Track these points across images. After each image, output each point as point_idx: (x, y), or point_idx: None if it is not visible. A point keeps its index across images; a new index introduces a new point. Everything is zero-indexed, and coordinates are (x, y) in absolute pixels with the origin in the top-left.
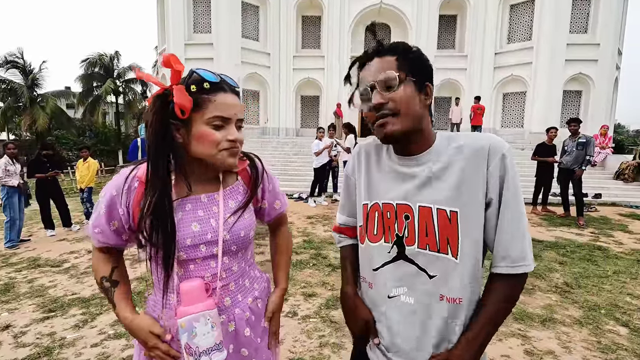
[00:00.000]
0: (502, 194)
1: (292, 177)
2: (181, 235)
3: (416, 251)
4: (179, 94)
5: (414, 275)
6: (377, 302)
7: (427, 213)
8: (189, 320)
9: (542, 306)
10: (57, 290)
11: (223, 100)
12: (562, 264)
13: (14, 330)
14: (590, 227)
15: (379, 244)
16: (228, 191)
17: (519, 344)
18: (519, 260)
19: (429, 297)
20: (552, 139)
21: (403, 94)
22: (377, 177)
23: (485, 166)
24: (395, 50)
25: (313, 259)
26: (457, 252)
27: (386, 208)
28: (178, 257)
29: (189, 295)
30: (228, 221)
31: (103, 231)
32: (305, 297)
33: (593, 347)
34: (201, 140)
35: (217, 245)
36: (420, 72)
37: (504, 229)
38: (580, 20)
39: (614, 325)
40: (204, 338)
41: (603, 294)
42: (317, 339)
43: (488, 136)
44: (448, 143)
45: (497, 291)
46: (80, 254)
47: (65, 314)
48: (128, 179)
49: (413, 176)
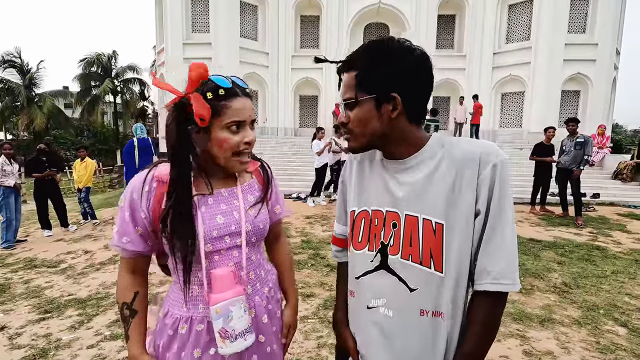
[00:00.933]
0: (490, 206)
1: (290, 177)
2: (207, 227)
3: (399, 261)
4: (197, 103)
5: (394, 286)
6: (357, 312)
7: (414, 222)
8: (226, 306)
9: (540, 306)
10: (53, 291)
11: (238, 105)
12: (560, 264)
13: (9, 332)
14: (589, 226)
15: (363, 251)
16: (246, 186)
17: (518, 345)
18: (499, 277)
19: (409, 312)
20: (550, 139)
21: (356, 115)
22: (368, 183)
23: (475, 176)
24: (357, 65)
25: (311, 259)
26: (441, 266)
27: (375, 215)
28: (205, 249)
29: (221, 282)
30: (249, 213)
31: (132, 240)
32: (304, 297)
33: (592, 348)
34: (220, 144)
35: (240, 236)
36: (385, 83)
37: (491, 241)
38: (579, 20)
39: (613, 326)
40: (239, 321)
41: (602, 294)
42: (315, 339)
43: (482, 144)
44: (440, 146)
45: (476, 310)
46: (77, 254)
47: (61, 315)
48: (146, 181)
49: (403, 183)
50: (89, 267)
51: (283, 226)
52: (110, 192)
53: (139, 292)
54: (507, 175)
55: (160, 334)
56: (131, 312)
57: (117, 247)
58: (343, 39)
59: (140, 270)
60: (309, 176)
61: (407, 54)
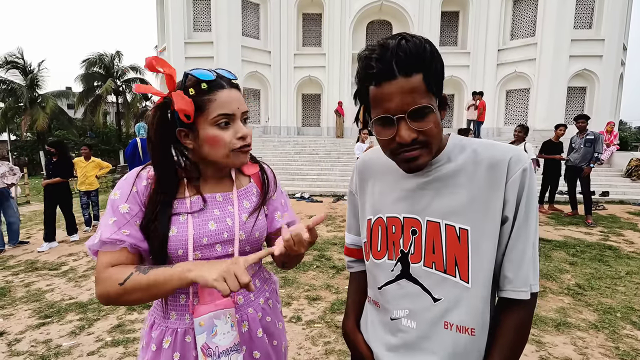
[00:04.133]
0: (518, 211)
1: (293, 176)
2: (197, 234)
3: (422, 269)
4: (178, 99)
5: (417, 296)
6: (379, 323)
7: (435, 229)
8: (210, 318)
9: (555, 309)
10: (54, 295)
11: (224, 97)
12: (572, 265)
13: (8, 338)
14: (599, 225)
15: (382, 261)
16: (242, 191)
17: (534, 350)
18: (525, 283)
19: (433, 324)
20: (559, 137)
21: (434, 124)
22: (382, 189)
23: (504, 180)
24: (422, 64)
25: (317, 260)
26: (467, 275)
27: (391, 222)
28: (194, 257)
29: (208, 292)
30: (243, 220)
31: (131, 233)
32: (310, 300)
33: (612, 354)
34: (211, 143)
35: (233, 245)
36: (442, 86)
37: (514, 248)
38: (585, 16)
39: (632, 330)
40: (224, 337)
41: (617, 296)
42: (322, 345)
43: (506, 146)
44: (461, 148)
45: (507, 319)
46: (78, 256)
47: (61, 320)
48: (141, 176)
49: (422, 187)
50: (91, 270)
51: None
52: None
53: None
54: (534, 180)
55: (145, 350)
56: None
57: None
58: (345, 37)
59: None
60: (311, 175)
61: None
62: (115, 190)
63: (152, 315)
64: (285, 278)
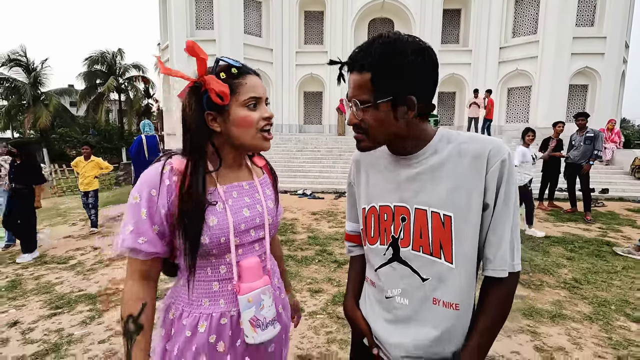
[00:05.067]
0: (497, 198)
1: (295, 173)
2: (236, 220)
3: (410, 253)
4: (213, 82)
5: (408, 276)
6: (376, 301)
7: (423, 216)
8: (258, 294)
9: (551, 302)
10: (63, 287)
11: (252, 82)
12: (570, 260)
13: (21, 327)
14: (598, 222)
15: (376, 246)
16: (262, 180)
17: (529, 340)
18: (503, 263)
19: (422, 301)
20: (558, 134)
21: (374, 117)
22: (375, 180)
23: (484, 170)
24: (372, 66)
25: (318, 255)
26: (451, 257)
27: (383, 210)
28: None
29: (250, 272)
30: (270, 207)
31: (149, 239)
32: (312, 293)
33: (604, 344)
34: (241, 122)
35: (263, 229)
36: (402, 86)
37: (495, 232)
38: (587, 13)
39: (625, 321)
40: (269, 310)
41: (613, 290)
42: (324, 335)
43: (490, 140)
44: (447, 141)
45: (490, 295)
46: (86, 250)
47: (72, 311)
48: (164, 175)
49: (411, 177)
50: (98, 264)
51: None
52: (117, 190)
53: (147, 304)
54: (513, 170)
55: (174, 338)
56: (136, 327)
57: (131, 249)
58: (347, 35)
59: (152, 276)
60: (313, 173)
61: (419, 53)
62: (134, 192)
63: (178, 305)
64: (288, 272)
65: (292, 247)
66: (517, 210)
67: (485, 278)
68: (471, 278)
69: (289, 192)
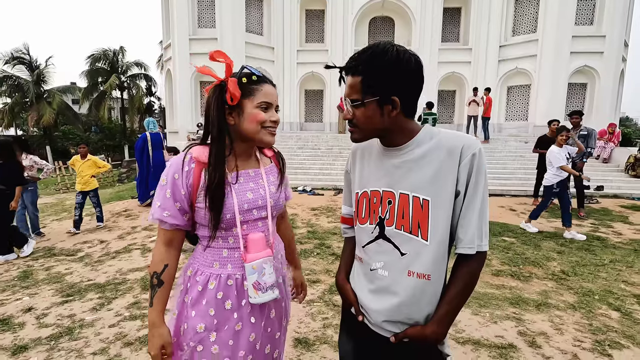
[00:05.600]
0: (468, 187)
1: (296, 170)
2: (240, 200)
3: (393, 231)
4: (232, 85)
5: (390, 252)
6: (362, 274)
7: (405, 199)
8: (261, 263)
9: (537, 292)
10: (73, 277)
11: (267, 90)
12: (560, 253)
13: (36, 312)
14: (591, 218)
15: (365, 225)
16: (268, 169)
17: (513, 326)
18: (471, 242)
19: (400, 272)
20: (554, 132)
21: (362, 114)
22: (368, 168)
23: (457, 162)
24: (363, 71)
25: (317, 248)
26: (427, 235)
27: (373, 194)
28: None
29: (255, 245)
30: (272, 191)
31: (172, 214)
32: (310, 283)
33: (584, 329)
34: (251, 119)
35: (265, 210)
36: (387, 88)
37: (465, 216)
38: (586, 12)
39: (607, 310)
40: (269, 277)
41: (598, 281)
42: (320, 321)
43: (464, 136)
44: (430, 137)
45: (459, 270)
46: (93, 243)
47: (82, 298)
48: (185, 162)
49: (397, 166)
50: (105, 256)
51: (290, 218)
52: (119, 187)
53: (168, 265)
54: (483, 163)
55: (188, 291)
56: (158, 282)
57: (158, 219)
58: (348, 33)
59: (176, 243)
60: (313, 170)
61: (406, 62)
62: (163, 176)
63: (195, 265)
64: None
65: None
66: (486, 198)
67: (457, 255)
68: (442, 253)
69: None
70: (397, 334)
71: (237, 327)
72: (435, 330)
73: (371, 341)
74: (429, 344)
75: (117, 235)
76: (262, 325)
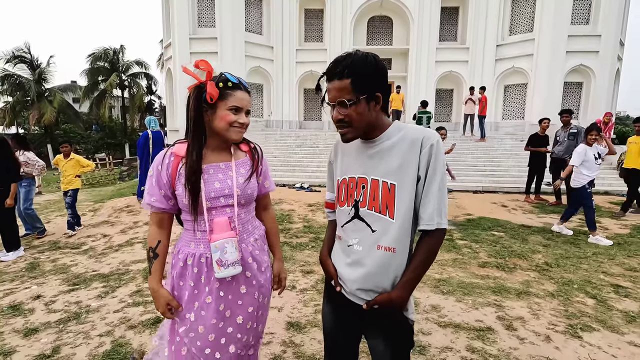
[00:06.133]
0: (428, 172)
1: (294, 167)
2: (207, 189)
3: (366, 212)
4: (210, 87)
5: (363, 229)
6: (341, 250)
7: (376, 184)
8: (222, 243)
9: (520, 282)
10: (78, 268)
11: (240, 96)
12: (545, 247)
13: (44, 299)
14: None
15: (344, 207)
16: (240, 162)
17: (493, 312)
18: (432, 219)
19: (371, 246)
20: (544, 130)
21: (356, 111)
22: (348, 159)
23: (419, 151)
24: (350, 74)
25: (312, 242)
26: (393, 214)
27: (351, 180)
28: (206, 205)
29: (219, 227)
30: (240, 182)
31: (158, 199)
32: (304, 274)
33: (560, 315)
34: (222, 118)
35: (233, 198)
36: (372, 86)
37: (425, 197)
38: (582, 12)
39: (583, 298)
40: (231, 255)
41: (579, 272)
42: (312, 307)
43: (425, 130)
44: (398, 131)
45: (421, 244)
46: (96, 237)
47: (88, 287)
48: (165, 156)
49: (370, 156)
50: (108, 249)
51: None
52: (120, 184)
53: (161, 241)
54: (440, 152)
55: (174, 267)
56: (154, 255)
57: (147, 204)
58: (347, 33)
59: (165, 224)
60: (311, 167)
61: (381, 66)
62: (150, 169)
63: (178, 245)
64: (283, 256)
65: (288, 234)
66: (444, 182)
67: (421, 232)
68: (406, 230)
69: (287, 186)
70: (369, 302)
71: (208, 299)
72: (399, 294)
73: (348, 309)
74: (395, 308)
75: (119, 230)
76: (230, 298)
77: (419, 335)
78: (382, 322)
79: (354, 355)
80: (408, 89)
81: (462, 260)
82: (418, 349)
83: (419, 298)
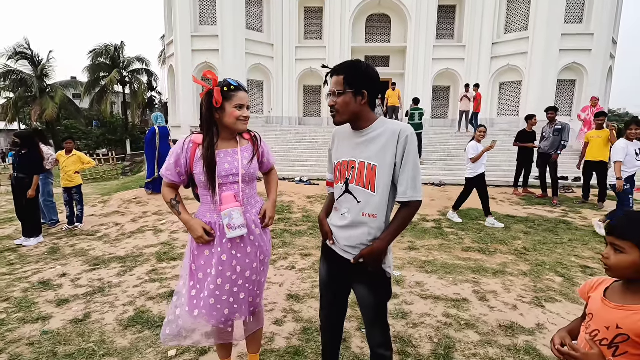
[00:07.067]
0: (403, 159)
1: (293, 162)
2: (219, 169)
3: (354, 187)
4: (216, 94)
5: (351, 201)
6: (337, 217)
7: (362, 165)
8: (229, 211)
9: (498, 264)
10: (96, 252)
11: (241, 95)
12: (526, 234)
13: (69, 277)
14: (564, 205)
15: (338, 185)
16: (244, 148)
17: (470, 287)
18: (405, 193)
19: (357, 214)
20: (532, 126)
21: (341, 101)
22: (342, 145)
23: (396, 141)
24: (344, 72)
25: (310, 230)
26: (374, 188)
27: (344, 163)
28: (219, 182)
29: (227, 199)
30: (244, 164)
31: (172, 173)
32: (303, 256)
33: (528, 289)
34: (230, 115)
35: (239, 176)
36: (360, 84)
37: (401, 176)
38: (576, 10)
39: (553, 277)
40: (237, 220)
41: (553, 256)
42: (310, 283)
43: (403, 124)
44: (382, 124)
45: (398, 212)
46: (109, 226)
47: (107, 267)
48: (186, 142)
49: (359, 143)
50: (122, 236)
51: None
52: (123, 179)
53: (176, 195)
54: (413, 142)
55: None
56: (177, 202)
57: (162, 174)
58: (346, 30)
59: (175, 189)
60: (310, 162)
61: (371, 71)
62: (171, 151)
63: (198, 215)
64: (284, 241)
65: (288, 223)
66: (417, 165)
67: (399, 203)
68: (384, 201)
69: (287, 179)
70: (355, 257)
71: (223, 257)
72: (378, 245)
73: (339, 263)
74: (375, 256)
75: (130, 219)
76: (239, 256)
77: (402, 305)
78: (365, 272)
79: (343, 303)
80: (405, 86)
81: (448, 245)
82: (400, 315)
83: (405, 276)
